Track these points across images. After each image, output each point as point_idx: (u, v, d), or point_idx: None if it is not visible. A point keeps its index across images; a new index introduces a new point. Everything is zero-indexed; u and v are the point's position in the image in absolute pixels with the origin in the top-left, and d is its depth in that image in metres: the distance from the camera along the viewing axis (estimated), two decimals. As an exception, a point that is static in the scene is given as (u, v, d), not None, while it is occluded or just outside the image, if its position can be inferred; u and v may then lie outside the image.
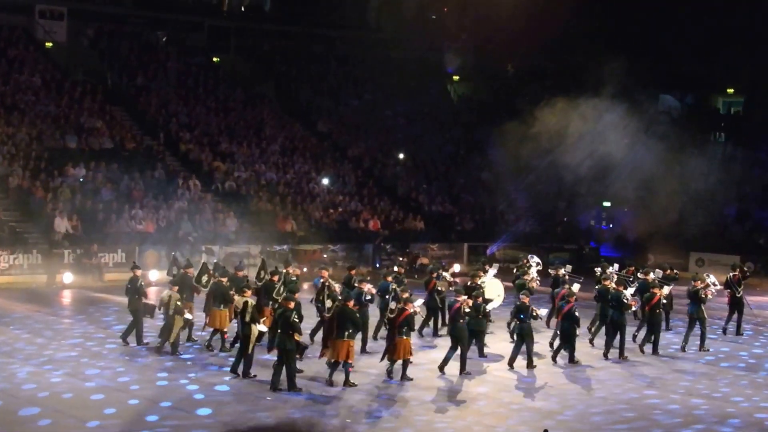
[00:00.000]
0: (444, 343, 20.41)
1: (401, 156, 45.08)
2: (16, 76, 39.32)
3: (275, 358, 17.22)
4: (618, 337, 20.74)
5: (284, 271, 21.06)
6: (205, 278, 20.97)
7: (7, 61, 40.22)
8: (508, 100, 43.94)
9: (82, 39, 44.79)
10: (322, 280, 19.96)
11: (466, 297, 18.99)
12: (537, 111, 38.26)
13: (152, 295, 24.26)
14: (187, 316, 19.90)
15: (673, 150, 36.87)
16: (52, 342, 20.87)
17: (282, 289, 19.87)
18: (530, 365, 19.34)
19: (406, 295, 18.71)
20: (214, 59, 48.26)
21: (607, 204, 42.31)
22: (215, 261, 26.18)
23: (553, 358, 20.16)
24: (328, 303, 18.94)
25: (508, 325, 21.48)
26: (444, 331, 22.02)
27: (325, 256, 35.43)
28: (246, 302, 17.78)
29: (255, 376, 17.67)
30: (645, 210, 37.13)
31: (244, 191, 37.91)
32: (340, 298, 18.50)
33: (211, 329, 20.30)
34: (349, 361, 17.23)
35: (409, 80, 49.34)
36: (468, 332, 18.87)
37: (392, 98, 48.58)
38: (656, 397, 17.54)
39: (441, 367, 18.77)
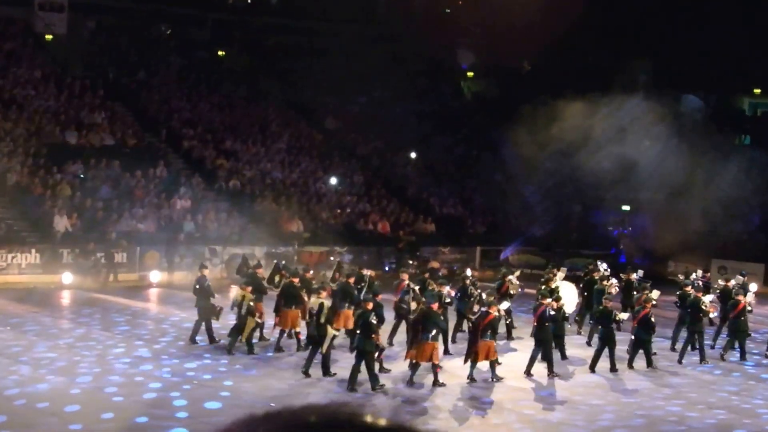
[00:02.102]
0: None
1: (413, 155, 43.77)
2: (15, 70, 38.52)
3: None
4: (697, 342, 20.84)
5: (367, 273, 21.69)
6: (277, 279, 21.11)
7: (6, 55, 39.42)
8: (523, 98, 42.46)
9: (83, 32, 43.79)
10: (404, 283, 20.67)
11: (550, 300, 19.20)
12: (553, 110, 36.97)
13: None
14: (257, 319, 19.80)
15: (697, 153, 35.54)
16: (52, 345, 19.96)
17: (366, 290, 20.24)
18: (613, 369, 19.35)
19: (491, 298, 18.71)
20: (220, 53, 47.10)
21: (626, 208, 40.75)
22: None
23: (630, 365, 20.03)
24: (413, 305, 19.01)
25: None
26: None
27: (331, 258, 34.13)
28: (321, 303, 17.84)
29: (335, 374, 17.59)
30: (667, 216, 35.80)
31: (249, 190, 36.66)
32: (423, 300, 18.59)
33: (279, 330, 20.13)
34: (436, 362, 17.29)
35: (420, 77, 48.00)
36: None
37: (402, 96, 47.21)
38: (681, 407, 17.04)
39: (528, 371, 18.84)
